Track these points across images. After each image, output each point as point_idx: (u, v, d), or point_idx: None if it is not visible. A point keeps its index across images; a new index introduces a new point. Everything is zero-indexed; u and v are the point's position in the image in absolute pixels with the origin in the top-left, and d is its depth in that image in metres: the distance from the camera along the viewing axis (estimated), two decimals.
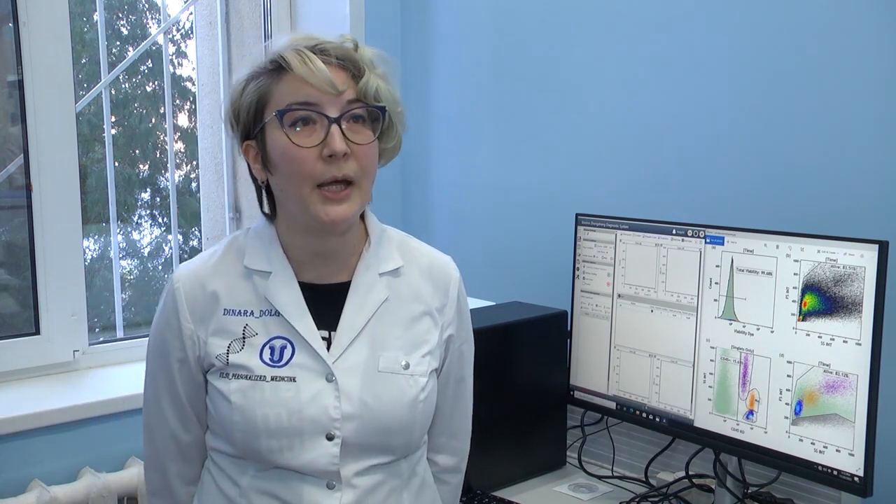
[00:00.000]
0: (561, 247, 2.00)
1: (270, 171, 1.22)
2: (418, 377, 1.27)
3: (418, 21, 2.46)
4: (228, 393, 1.22)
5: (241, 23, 2.54)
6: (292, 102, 1.18)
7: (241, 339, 1.24)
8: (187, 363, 1.26)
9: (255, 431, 1.20)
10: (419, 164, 2.51)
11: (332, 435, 1.21)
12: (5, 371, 1.98)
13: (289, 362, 1.22)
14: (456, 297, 1.36)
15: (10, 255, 2.11)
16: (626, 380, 1.77)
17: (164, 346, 1.27)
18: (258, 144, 1.23)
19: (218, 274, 1.27)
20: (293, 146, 1.17)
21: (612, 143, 2.02)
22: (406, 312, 1.30)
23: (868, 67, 1.59)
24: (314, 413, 1.20)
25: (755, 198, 1.75)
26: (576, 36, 2.07)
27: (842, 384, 1.43)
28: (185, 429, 1.30)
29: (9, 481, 1.80)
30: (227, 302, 1.25)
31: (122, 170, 2.50)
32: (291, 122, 1.18)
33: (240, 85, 1.23)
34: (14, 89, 2.00)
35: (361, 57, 1.23)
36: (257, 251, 1.27)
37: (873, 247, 1.39)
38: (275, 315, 1.24)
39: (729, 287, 1.59)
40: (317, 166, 1.17)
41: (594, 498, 1.78)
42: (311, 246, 1.26)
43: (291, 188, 1.20)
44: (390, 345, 1.27)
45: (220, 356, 1.23)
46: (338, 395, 1.21)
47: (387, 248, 1.33)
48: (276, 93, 1.19)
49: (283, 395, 1.21)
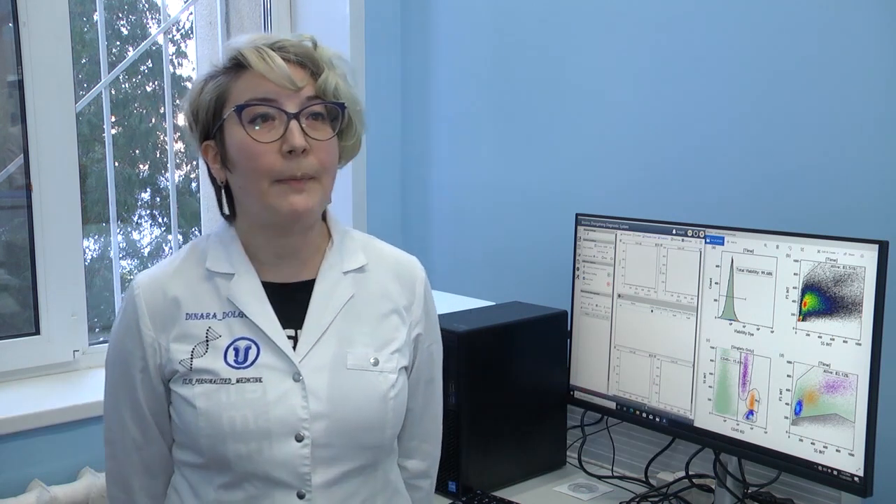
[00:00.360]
0: (561, 247, 2.00)
1: (230, 170, 1.21)
2: (388, 374, 1.25)
3: (418, 21, 2.46)
4: (193, 398, 1.19)
5: (241, 23, 2.54)
6: (251, 98, 1.17)
7: (204, 343, 1.21)
8: (149, 372, 1.24)
9: (221, 436, 1.17)
10: (419, 164, 2.51)
11: (301, 436, 1.18)
12: (5, 371, 1.98)
13: (254, 363, 1.20)
14: (423, 296, 1.36)
15: (10, 255, 2.11)
16: (626, 380, 1.77)
17: (125, 355, 1.25)
18: (217, 143, 1.22)
19: (179, 279, 1.25)
20: (252, 141, 1.17)
21: (612, 143, 2.02)
22: (373, 310, 1.29)
23: (868, 67, 1.59)
24: (281, 413, 1.18)
25: (755, 198, 1.75)
26: (576, 36, 2.07)
27: (842, 384, 1.43)
28: (147, 441, 1.27)
29: (9, 481, 1.80)
30: (188, 306, 1.23)
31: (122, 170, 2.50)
32: (250, 118, 1.17)
33: (198, 85, 1.23)
34: (14, 89, 2.00)
35: (321, 55, 1.22)
36: (218, 254, 1.26)
37: (873, 247, 1.39)
38: (238, 316, 1.23)
39: (729, 287, 1.59)
40: (276, 162, 1.17)
41: (594, 498, 1.78)
42: (273, 245, 1.25)
43: (251, 184, 1.19)
44: (358, 342, 1.25)
45: (183, 361, 1.21)
46: (305, 395, 1.19)
47: (350, 247, 1.32)
48: (235, 90, 1.19)
49: (248, 396, 1.18)
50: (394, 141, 2.53)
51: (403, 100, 2.53)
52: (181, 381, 1.21)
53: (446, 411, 1.73)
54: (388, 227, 2.54)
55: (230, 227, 1.28)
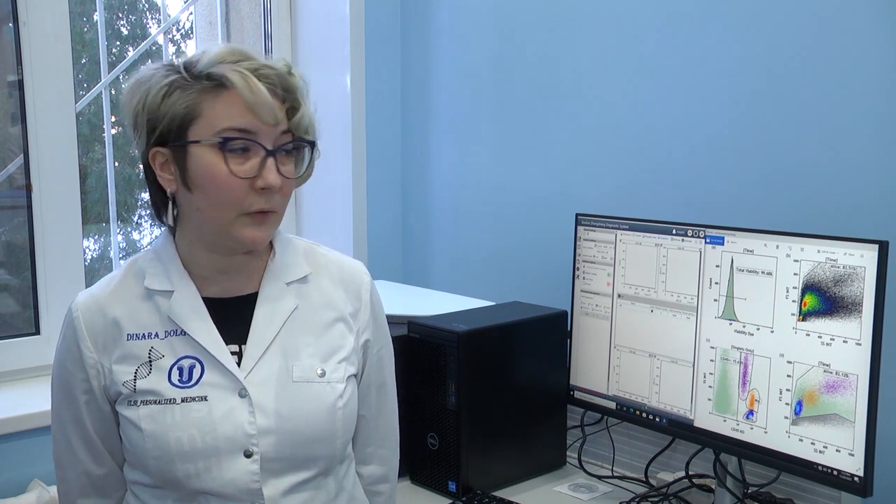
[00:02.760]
0: (561, 247, 2.00)
1: (187, 187, 1.16)
2: (335, 384, 1.24)
3: (418, 21, 2.46)
4: (138, 420, 1.18)
5: (241, 23, 2.54)
6: (229, 127, 1.13)
7: (147, 364, 1.19)
8: (93, 394, 1.22)
9: (168, 457, 1.16)
10: (419, 164, 2.51)
11: (250, 451, 1.18)
12: (5, 371, 1.98)
13: (199, 381, 1.19)
14: (369, 301, 1.33)
15: (10, 255, 2.11)
16: (626, 380, 1.77)
17: (68, 378, 1.22)
18: (174, 155, 1.16)
19: (117, 299, 1.23)
20: (228, 174, 1.13)
21: (612, 143, 2.02)
22: (318, 320, 1.27)
23: (868, 67, 1.59)
24: (228, 431, 1.17)
25: (755, 198, 1.75)
26: (576, 36, 2.07)
27: (842, 384, 1.43)
28: (97, 463, 1.25)
29: (9, 481, 1.80)
30: (129, 327, 1.21)
31: (122, 170, 2.49)
32: (230, 148, 1.14)
33: (160, 89, 1.15)
34: (14, 89, 2.00)
35: (297, 84, 1.18)
36: (157, 271, 1.23)
37: (873, 247, 1.39)
38: (180, 335, 1.20)
39: (729, 287, 1.59)
40: (247, 196, 1.15)
41: (594, 498, 1.78)
42: (216, 263, 1.23)
43: (213, 212, 1.16)
44: (303, 353, 1.24)
45: (126, 383, 1.19)
46: (252, 410, 1.18)
47: (292, 256, 1.29)
48: (210, 111, 1.14)
49: (194, 415, 1.17)
50: (394, 141, 2.53)
51: (403, 100, 2.53)
52: (126, 402, 1.20)
53: (447, 411, 1.74)
54: (388, 227, 2.54)
55: (168, 241, 1.25)
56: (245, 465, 1.17)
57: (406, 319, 1.82)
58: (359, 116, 2.43)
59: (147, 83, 1.17)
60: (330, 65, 2.44)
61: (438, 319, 1.80)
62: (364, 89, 2.43)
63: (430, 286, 2.42)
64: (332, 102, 2.43)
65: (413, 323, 1.80)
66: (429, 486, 1.80)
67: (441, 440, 1.76)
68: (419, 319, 1.80)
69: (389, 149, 2.53)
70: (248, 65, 1.15)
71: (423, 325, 1.78)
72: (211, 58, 1.15)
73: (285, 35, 2.51)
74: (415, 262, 2.56)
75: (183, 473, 1.17)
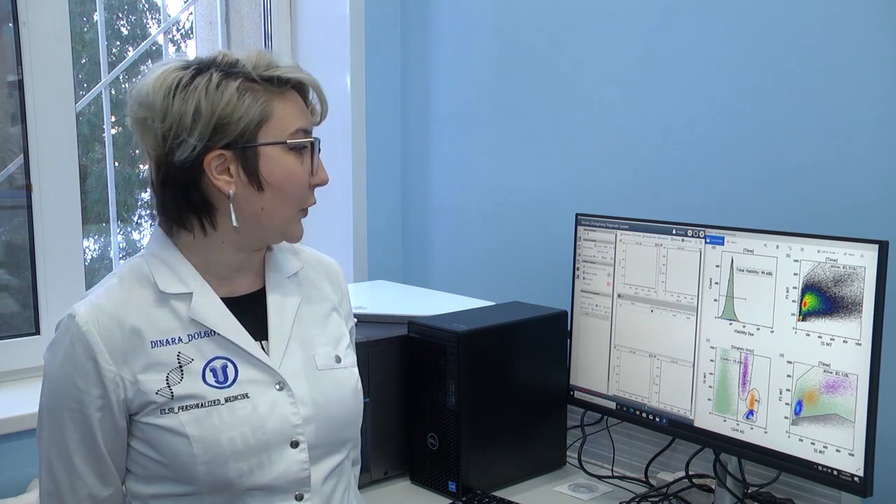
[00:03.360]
0: (561, 247, 2.00)
1: (259, 189, 1.18)
2: (351, 368, 1.32)
3: (418, 21, 2.46)
4: (180, 427, 1.15)
5: (241, 23, 2.54)
6: (299, 129, 1.21)
7: (178, 369, 1.17)
8: (111, 410, 1.17)
9: (222, 459, 1.16)
10: (419, 164, 2.51)
11: (297, 441, 1.21)
12: (5, 371, 1.98)
13: (235, 380, 1.20)
14: (346, 291, 1.42)
15: (10, 255, 2.11)
16: (626, 380, 1.77)
17: (78, 396, 1.16)
18: (240, 157, 1.17)
19: (130, 307, 1.18)
20: (300, 171, 1.21)
21: (612, 143, 2.02)
22: (318, 311, 1.33)
23: (868, 67, 1.59)
24: (276, 424, 1.20)
25: (755, 198, 1.75)
26: (576, 36, 2.07)
27: (842, 384, 1.43)
28: (104, 484, 1.21)
29: (9, 481, 1.80)
30: (151, 334, 1.17)
31: (122, 170, 2.49)
32: (301, 147, 1.21)
33: (232, 92, 1.15)
34: (14, 89, 2.00)
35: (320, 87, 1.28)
36: (166, 274, 1.21)
37: (873, 247, 1.39)
38: (206, 336, 1.20)
39: (729, 287, 1.59)
40: (307, 193, 1.24)
41: (594, 498, 1.78)
42: (238, 261, 1.25)
43: (282, 209, 1.21)
44: (317, 342, 1.29)
45: (161, 391, 1.16)
46: (293, 401, 1.22)
47: (283, 253, 1.34)
48: (280, 112, 1.19)
49: (241, 413, 1.18)
50: (394, 141, 2.53)
51: (403, 100, 2.53)
52: (158, 411, 1.16)
53: (447, 411, 1.74)
54: (388, 227, 2.54)
55: (167, 244, 1.23)
56: (293, 455, 1.21)
57: (406, 319, 1.82)
58: (359, 116, 2.43)
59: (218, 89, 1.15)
60: (330, 65, 2.44)
61: (438, 319, 1.80)
62: (364, 89, 2.43)
63: (430, 286, 2.42)
64: (332, 102, 2.41)
65: (413, 323, 1.80)
66: (429, 486, 1.79)
67: (441, 440, 1.76)
68: (419, 319, 1.80)
69: (389, 149, 2.53)
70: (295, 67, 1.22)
71: (423, 325, 1.78)
72: (267, 61, 1.20)
73: (285, 35, 2.51)
74: (415, 262, 2.56)
75: (236, 473, 1.17)
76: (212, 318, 1.21)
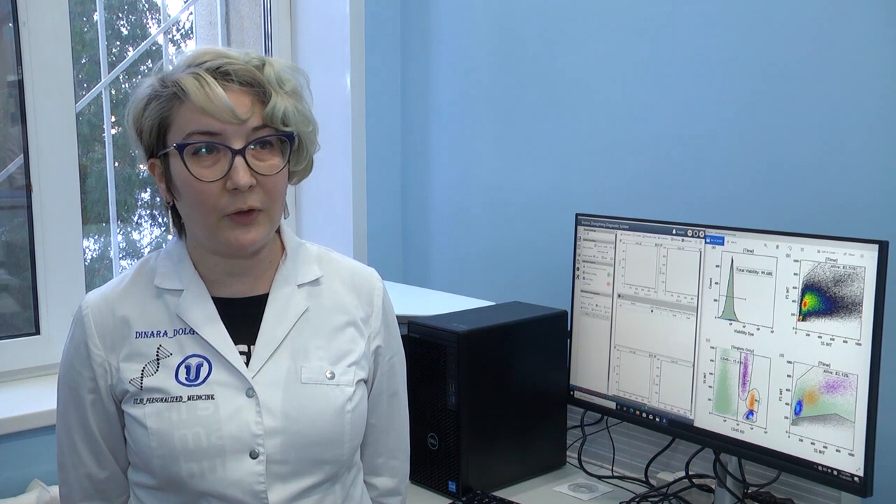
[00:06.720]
0: (561, 247, 2.00)
1: (175, 196, 1.19)
2: (344, 386, 1.23)
3: (418, 21, 2.46)
4: (143, 418, 1.17)
5: (241, 23, 2.54)
6: (193, 132, 1.13)
7: (154, 362, 1.19)
8: (99, 394, 1.21)
9: (173, 455, 1.15)
10: (419, 164, 2.51)
11: (256, 452, 1.16)
12: (5, 371, 1.98)
13: (206, 380, 1.18)
14: (381, 307, 1.33)
15: (10, 255, 2.11)
16: (626, 380, 1.77)
17: (75, 377, 1.22)
18: (162, 165, 1.18)
19: (128, 297, 1.23)
20: (194, 180, 1.13)
21: (612, 143, 2.02)
22: (328, 323, 1.26)
23: (868, 67, 1.59)
24: (234, 430, 1.16)
25: (755, 198, 1.75)
26: (575, 36, 2.07)
27: (842, 384, 1.43)
28: (100, 466, 1.24)
29: (9, 481, 1.80)
30: (138, 325, 1.21)
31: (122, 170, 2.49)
32: (193, 151, 1.13)
33: (140, 102, 1.17)
34: (14, 89, 2.00)
35: (267, 77, 1.16)
36: (167, 270, 1.24)
37: (873, 247, 1.39)
38: (189, 333, 1.20)
39: (729, 287, 1.59)
40: (221, 199, 1.14)
41: (594, 498, 1.78)
42: (223, 266, 1.23)
43: (197, 217, 1.17)
44: (313, 355, 1.23)
45: (133, 381, 1.18)
46: (259, 410, 1.17)
47: (304, 260, 1.29)
48: (178, 118, 1.14)
49: (200, 413, 1.16)
50: (394, 141, 2.53)
51: (403, 100, 2.53)
52: (132, 401, 1.19)
53: (447, 411, 1.74)
54: (388, 227, 2.54)
55: (180, 242, 1.26)
56: (250, 465, 1.16)
57: (406, 319, 1.82)
58: (359, 116, 2.43)
59: (133, 96, 1.19)
60: (330, 65, 2.44)
61: (438, 319, 1.80)
62: (364, 89, 2.43)
63: (430, 286, 2.42)
64: (332, 102, 2.43)
65: (413, 323, 1.80)
66: (429, 486, 1.80)
67: (441, 440, 1.76)
68: (419, 319, 1.80)
69: (389, 149, 2.53)
70: (210, 64, 1.14)
71: (423, 325, 1.78)
72: (178, 63, 1.17)
73: (285, 35, 2.51)
74: (415, 262, 2.56)
75: (187, 473, 1.15)
76: (194, 317, 1.20)
